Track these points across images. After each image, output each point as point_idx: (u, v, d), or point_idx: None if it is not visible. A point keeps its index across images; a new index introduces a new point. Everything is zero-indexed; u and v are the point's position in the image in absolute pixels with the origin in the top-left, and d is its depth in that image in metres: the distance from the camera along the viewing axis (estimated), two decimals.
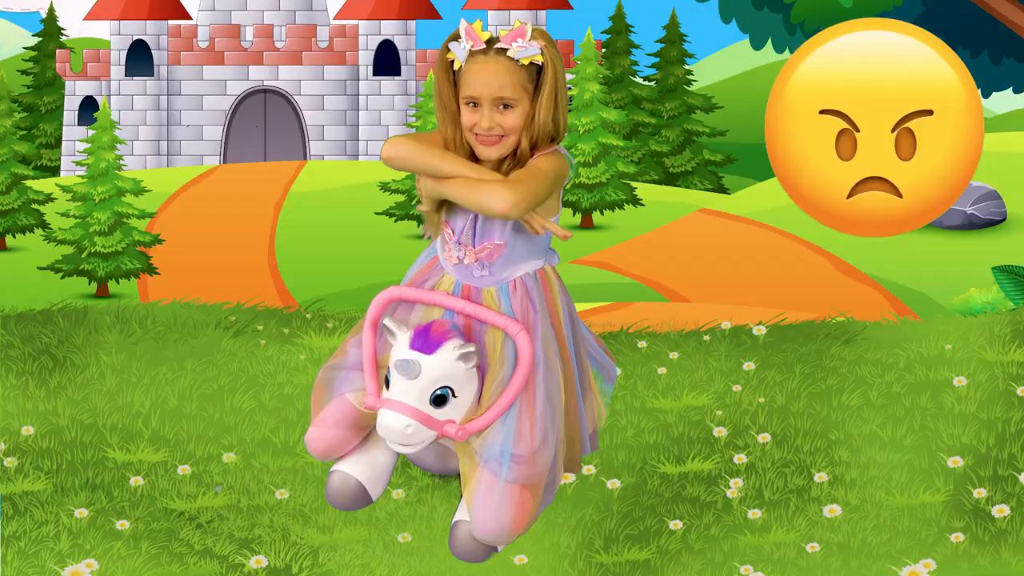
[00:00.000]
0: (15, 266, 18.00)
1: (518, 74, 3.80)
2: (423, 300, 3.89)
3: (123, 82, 22.63)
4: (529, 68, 3.81)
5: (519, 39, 3.80)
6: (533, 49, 3.80)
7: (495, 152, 3.83)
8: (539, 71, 3.83)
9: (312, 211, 19.29)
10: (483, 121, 3.79)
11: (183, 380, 5.57)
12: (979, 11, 14.05)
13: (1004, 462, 5.03)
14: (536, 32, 3.83)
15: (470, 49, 3.82)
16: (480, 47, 3.81)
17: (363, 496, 4.01)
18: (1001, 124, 20.73)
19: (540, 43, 3.81)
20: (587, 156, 19.03)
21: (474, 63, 3.81)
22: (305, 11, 23.26)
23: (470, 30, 3.82)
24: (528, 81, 3.81)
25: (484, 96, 3.79)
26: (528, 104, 3.82)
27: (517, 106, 3.80)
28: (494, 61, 3.80)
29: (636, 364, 5.77)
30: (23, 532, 4.64)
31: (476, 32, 3.83)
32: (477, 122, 3.80)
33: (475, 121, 3.81)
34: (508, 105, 3.80)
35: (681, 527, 4.71)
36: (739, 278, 17.07)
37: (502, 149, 3.83)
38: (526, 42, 3.80)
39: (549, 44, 3.83)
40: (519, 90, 3.80)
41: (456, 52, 3.83)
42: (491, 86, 3.78)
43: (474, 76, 3.80)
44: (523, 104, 3.80)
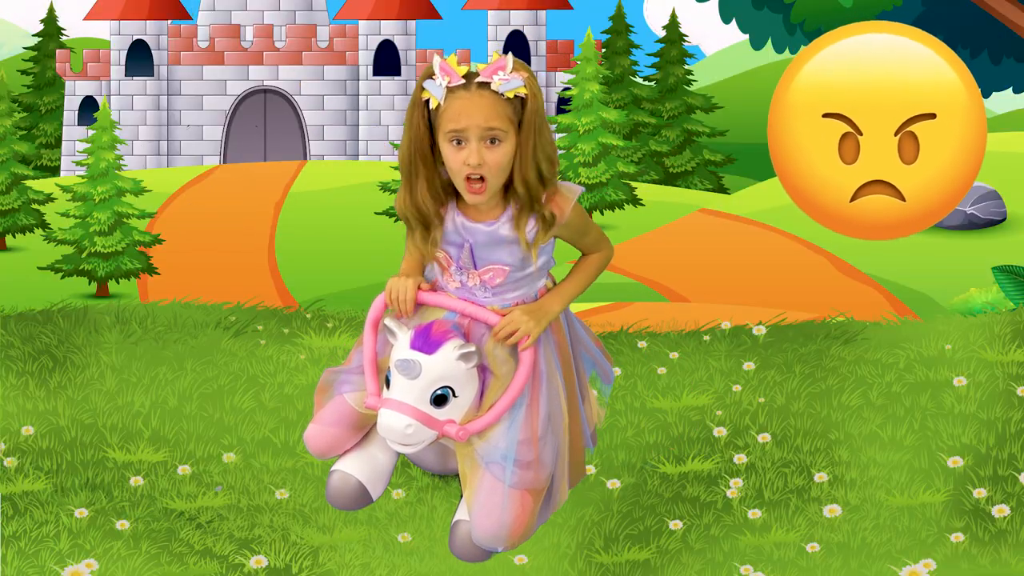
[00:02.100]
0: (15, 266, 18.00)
1: (503, 107, 3.61)
2: (425, 301, 3.88)
3: (123, 82, 22.63)
4: (513, 101, 3.62)
5: (500, 72, 3.61)
6: (516, 81, 3.62)
7: (482, 199, 3.65)
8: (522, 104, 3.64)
9: (312, 211, 19.28)
10: (471, 157, 3.58)
11: (183, 380, 5.57)
12: (979, 11, 14.04)
13: (1004, 462, 5.03)
14: (517, 64, 3.65)
15: (447, 86, 3.61)
16: (459, 82, 3.61)
17: (363, 496, 4.01)
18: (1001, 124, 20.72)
19: (523, 75, 3.63)
20: (587, 156, 19.02)
21: (455, 99, 3.61)
22: (305, 11, 23.26)
23: (445, 65, 3.62)
24: (513, 114, 3.63)
25: (471, 128, 3.59)
26: (514, 139, 3.63)
27: (505, 141, 3.62)
28: (477, 95, 3.60)
29: (636, 364, 5.77)
30: (23, 532, 4.64)
31: (452, 67, 3.62)
32: (465, 159, 3.60)
33: (463, 159, 3.61)
34: (496, 140, 3.61)
35: (681, 527, 4.71)
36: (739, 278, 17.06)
37: (487, 195, 3.66)
38: (507, 75, 3.61)
39: (530, 76, 3.64)
40: (506, 122, 3.61)
41: (432, 90, 3.62)
42: (477, 117, 3.59)
43: (458, 110, 3.59)
44: (510, 139, 3.62)
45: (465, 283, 3.84)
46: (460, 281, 3.84)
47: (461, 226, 3.77)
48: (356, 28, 22.71)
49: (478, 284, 3.83)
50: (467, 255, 3.80)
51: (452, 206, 3.78)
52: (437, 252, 3.83)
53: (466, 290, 3.85)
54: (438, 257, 3.84)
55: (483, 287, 3.83)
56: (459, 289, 3.86)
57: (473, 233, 3.77)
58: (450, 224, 3.78)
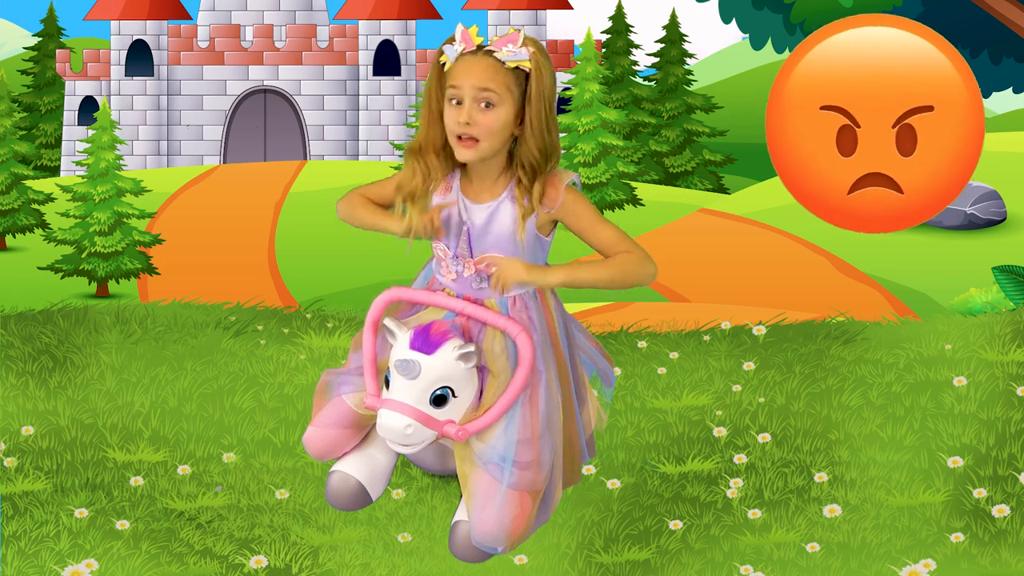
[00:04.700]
0: (15, 266, 18.01)
1: (503, 74, 3.75)
2: (424, 301, 3.89)
3: (123, 82, 22.64)
4: (516, 73, 3.76)
5: (510, 44, 3.76)
6: (521, 54, 3.75)
7: (471, 155, 3.76)
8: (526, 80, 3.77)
9: (312, 211, 19.29)
10: (461, 115, 3.73)
11: (183, 380, 5.57)
12: (979, 11, 14.05)
13: (1004, 462, 5.03)
14: (528, 40, 3.79)
15: (461, 51, 3.78)
16: (471, 48, 3.77)
17: (363, 496, 4.01)
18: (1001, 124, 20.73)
19: (530, 49, 3.77)
20: (587, 156, 19.04)
21: (461, 61, 3.77)
22: (305, 11, 23.28)
23: (465, 33, 3.80)
24: (514, 85, 3.76)
25: (466, 87, 3.73)
26: (511, 108, 3.75)
27: (499, 107, 3.74)
28: (481, 59, 3.76)
29: (636, 364, 5.77)
30: (23, 532, 4.64)
31: (471, 35, 3.79)
32: (457, 117, 3.74)
33: (455, 117, 3.75)
34: (490, 104, 3.74)
35: (681, 527, 4.71)
36: (739, 278, 17.08)
37: (478, 154, 3.76)
38: (516, 47, 3.76)
39: (540, 52, 3.79)
40: (502, 88, 3.74)
41: (448, 53, 3.80)
42: (472, 78, 3.73)
43: (458, 70, 3.76)
44: (506, 107, 3.74)
45: (461, 273, 3.86)
46: (456, 272, 3.86)
47: (463, 206, 3.80)
48: (356, 28, 22.73)
49: (474, 274, 3.84)
50: (464, 242, 3.82)
51: (456, 188, 3.83)
52: (435, 244, 3.85)
53: (463, 281, 3.86)
54: (436, 250, 3.87)
55: (479, 277, 3.85)
56: (456, 281, 3.87)
57: (472, 213, 3.80)
58: (453, 207, 3.82)
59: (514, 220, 3.81)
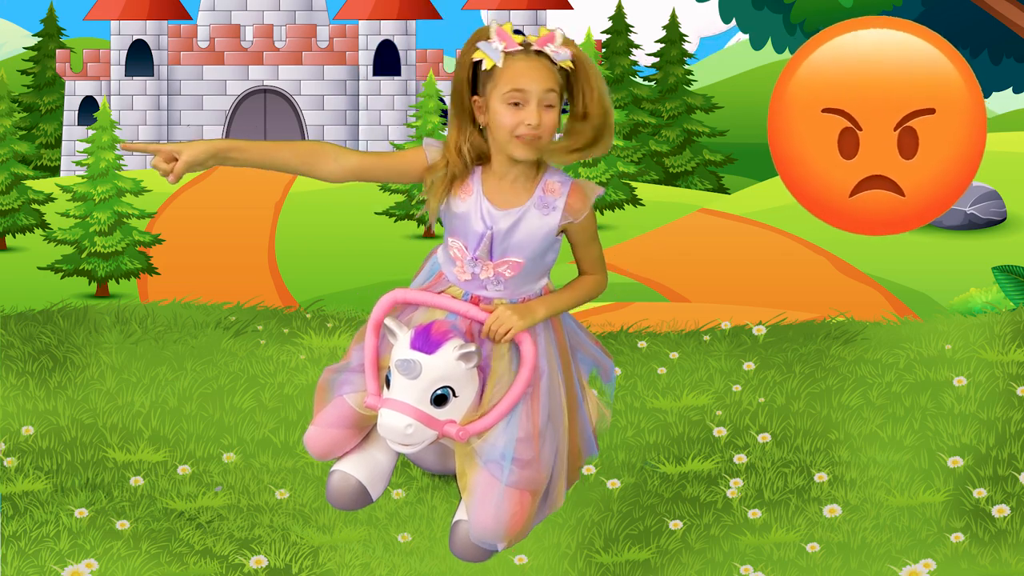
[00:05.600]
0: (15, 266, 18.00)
1: (557, 75, 3.79)
2: (427, 303, 3.88)
3: (123, 82, 22.63)
4: (562, 71, 3.80)
5: (550, 43, 3.79)
6: (566, 53, 3.79)
7: (530, 153, 3.79)
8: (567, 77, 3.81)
9: (312, 211, 19.28)
10: (532, 117, 3.74)
11: (183, 380, 5.57)
12: (979, 11, 14.04)
13: (1004, 462, 5.03)
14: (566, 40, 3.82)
15: (504, 50, 3.78)
16: (516, 48, 3.78)
17: (363, 496, 4.01)
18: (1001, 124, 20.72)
19: (571, 49, 3.80)
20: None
21: (517, 61, 3.78)
22: (305, 11, 23.27)
23: (503, 32, 3.80)
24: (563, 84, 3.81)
25: (535, 91, 3.75)
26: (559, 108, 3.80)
27: (556, 106, 3.79)
28: (537, 60, 3.78)
29: (636, 364, 5.77)
30: (23, 532, 4.63)
31: (510, 33, 3.81)
32: (522, 120, 3.75)
33: (519, 120, 3.76)
34: (551, 105, 3.78)
35: (681, 527, 4.70)
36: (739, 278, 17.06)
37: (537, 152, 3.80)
38: (557, 47, 3.79)
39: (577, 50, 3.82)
40: (560, 88, 3.79)
41: (488, 52, 3.79)
42: (540, 80, 3.75)
43: (520, 71, 3.76)
44: (558, 106, 3.80)
45: (477, 275, 3.85)
46: (472, 273, 3.85)
47: (486, 212, 3.80)
48: (356, 28, 22.72)
49: (491, 277, 3.84)
50: (486, 246, 3.82)
51: (479, 192, 3.83)
52: (452, 242, 3.84)
53: (478, 283, 3.86)
54: (452, 248, 3.86)
55: (496, 280, 3.85)
56: (470, 282, 3.86)
57: (496, 220, 3.79)
58: (474, 210, 3.81)
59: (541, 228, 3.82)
